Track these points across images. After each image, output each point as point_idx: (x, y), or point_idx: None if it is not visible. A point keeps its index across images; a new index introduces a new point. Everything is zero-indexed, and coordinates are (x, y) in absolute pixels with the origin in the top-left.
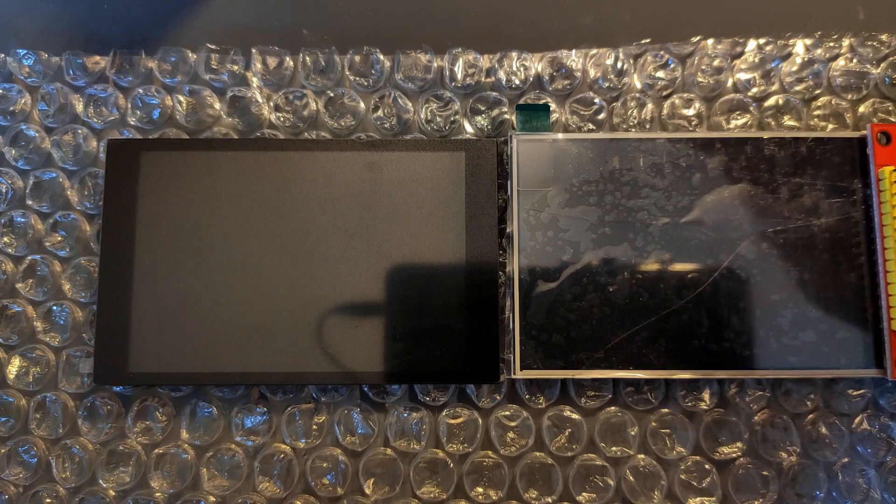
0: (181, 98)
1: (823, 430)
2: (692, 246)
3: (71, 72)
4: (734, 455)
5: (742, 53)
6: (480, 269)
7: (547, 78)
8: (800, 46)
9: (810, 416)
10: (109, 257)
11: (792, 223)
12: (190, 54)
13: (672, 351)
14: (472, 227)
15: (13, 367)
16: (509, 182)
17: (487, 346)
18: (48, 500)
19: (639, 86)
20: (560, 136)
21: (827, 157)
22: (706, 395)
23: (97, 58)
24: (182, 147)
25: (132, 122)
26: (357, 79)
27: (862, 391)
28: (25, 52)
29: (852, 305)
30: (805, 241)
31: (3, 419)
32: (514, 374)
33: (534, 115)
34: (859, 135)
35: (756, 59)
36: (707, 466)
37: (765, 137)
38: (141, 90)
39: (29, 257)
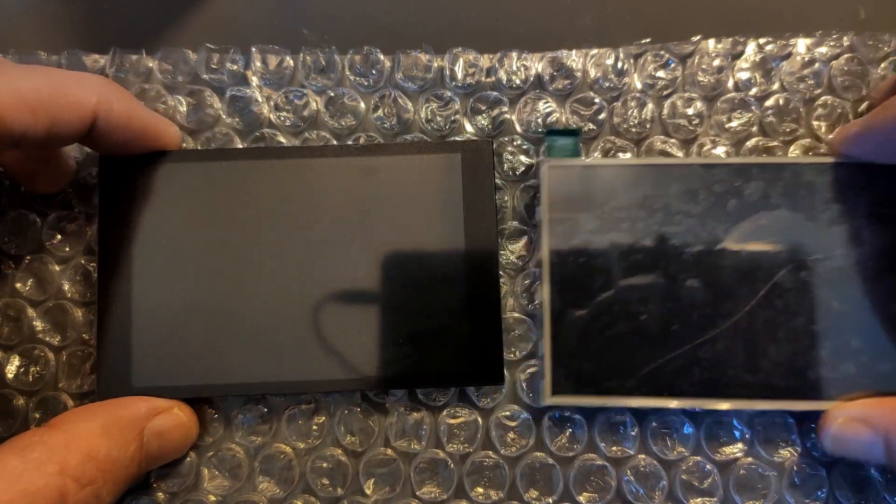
0: (181, 98)
1: None
2: (727, 274)
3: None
4: (735, 455)
5: (742, 53)
6: (481, 270)
7: (547, 78)
8: (801, 45)
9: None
10: (107, 271)
11: (833, 251)
12: (190, 54)
13: (706, 381)
14: (471, 227)
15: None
16: (538, 208)
17: (491, 347)
18: None
19: (639, 86)
20: (591, 161)
21: (871, 183)
22: None
23: (97, 56)
24: (176, 158)
25: None
26: (357, 78)
27: None
28: (26, 51)
29: None
30: (847, 269)
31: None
32: (545, 400)
33: (564, 142)
34: None
35: (757, 59)
36: (708, 467)
37: (805, 163)
38: (141, 88)
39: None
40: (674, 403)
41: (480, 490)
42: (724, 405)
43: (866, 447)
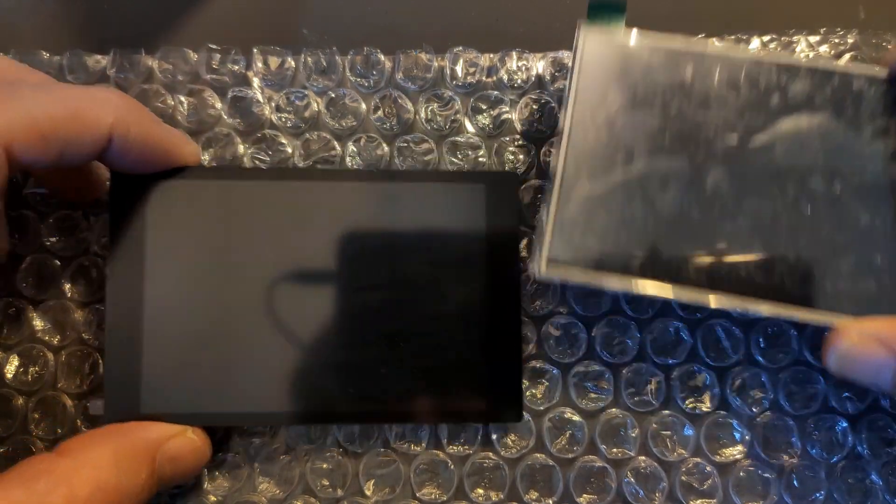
0: (182, 98)
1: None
2: (757, 170)
3: (73, 71)
4: (735, 457)
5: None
6: (502, 304)
7: (548, 78)
8: (803, 43)
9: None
10: (117, 293)
11: (870, 166)
12: (191, 54)
13: (715, 273)
14: (493, 260)
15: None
16: (570, 75)
17: (510, 384)
18: None
19: None
20: (633, 36)
21: None
22: (706, 398)
23: (98, 57)
24: (192, 176)
25: None
26: (358, 79)
27: None
28: (27, 51)
29: None
30: (881, 186)
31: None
32: (541, 271)
33: (607, 10)
34: None
35: None
36: (708, 468)
37: (856, 72)
38: (142, 88)
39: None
40: (675, 293)
41: (481, 491)
42: (728, 302)
43: (876, 369)
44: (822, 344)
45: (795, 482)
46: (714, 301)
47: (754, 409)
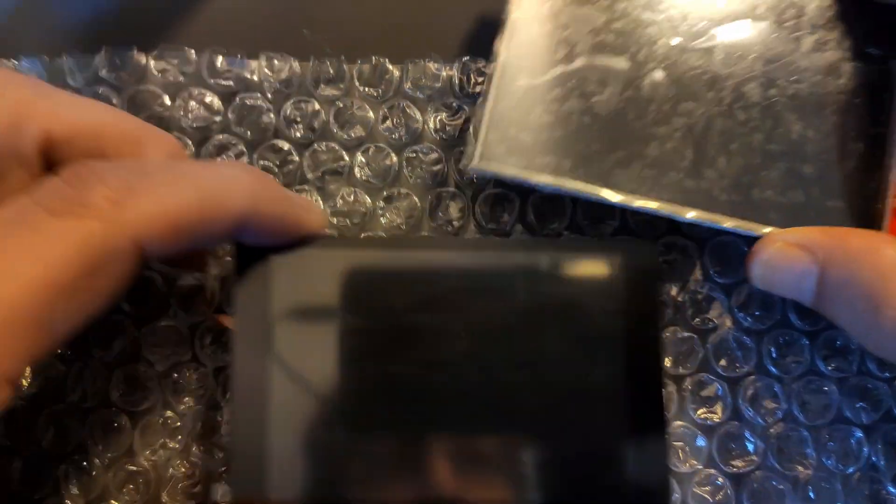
0: (182, 102)
1: None
2: (696, 73)
3: (72, 74)
4: (749, 468)
5: None
6: (643, 386)
7: None
8: None
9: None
10: (243, 374)
11: (808, 76)
12: (192, 55)
13: (646, 179)
14: (633, 337)
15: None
16: None
17: (653, 471)
18: None
19: None
20: None
21: (862, 19)
22: (719, 409)
23: (90, 56)
24: (317, 247)
25: None
26: (366, 88)
27: None
28: (28, 55)
29: (853, 176)
30: (817, 98)
31: None
32: (473, 163)
33: None
34: None
35: None
36: (720, 480)
37: None
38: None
39: None
40: (607, 194)
41: None
42: (654, 205)
43: (799, 277)
44: (748, 256)
45: (811, 493)
46: (641, 204)
47: (767, 420)
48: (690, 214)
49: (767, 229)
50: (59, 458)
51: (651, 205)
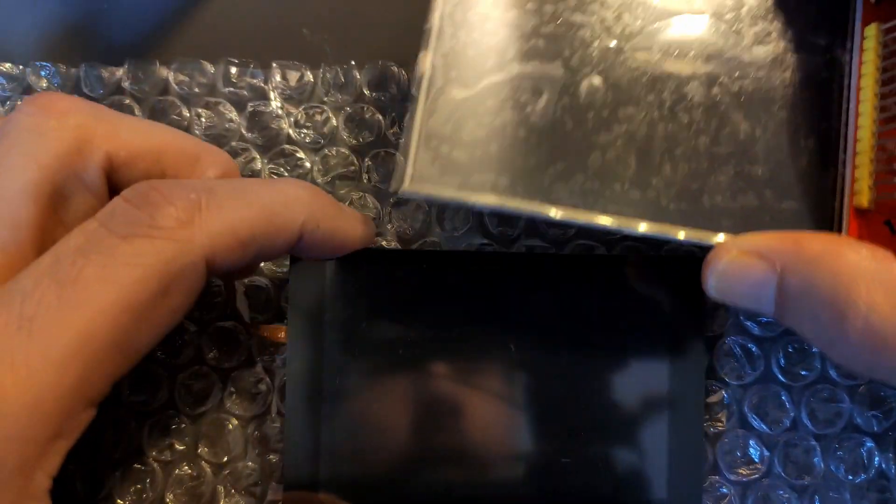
0: (200, 111)
1: None
2: (634, 76)
3: (88, 83)
4: (754, 476)
5: None
6: (683, 387)
7: None
8: None
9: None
10: (296, 383)
11: (752, 72)
12: (208, 66)
13: (589, 192)
14: (677, 349)
15: None
16: None
17: (690, 479)
18: None
19: None
20: None
21: (804, 8)
22: (724, 416)
23: (114, 69)
24: (369, 261)
25: None
26: (375, 93)
27: None
28: (44, 64)
29: (806, 174)
30: (763, 94)
31: None
32: (404, 186)
33: None
34: None
35: None
36: (725, 489)
37: None
38: (157, 100)
39: None
40: (551, 211)
41: None
42: (603, 220)
43: (757, 287)
44: (703, 266)
45: (818, 503)
46: (587, 219)
47: (774, 428)
48: (642, 228)
49: (721, 237)
50: (65, 457)
51: (597, 220)
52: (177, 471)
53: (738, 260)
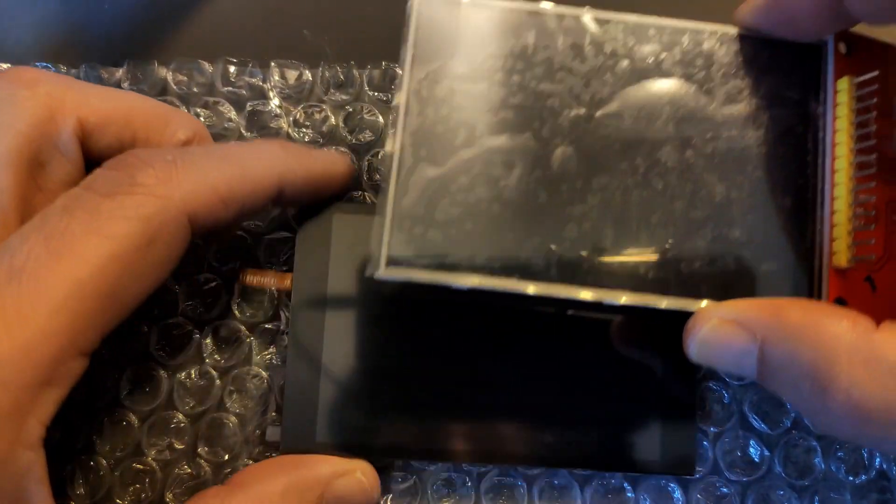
0: (199, 111)
1: None
2: (606, 144)
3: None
4: (754, 475)
5: None
6: (676, 355)
7: None
8: None
9: None
10: (300, 327)
11: (725, 131)
12: (207, 66)
13: (567, 264)
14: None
15: None
16: (403, 45)
17: (683, 438)
18: None
19: None
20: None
21: (775, 62)
22: (724, 416)
23: (113, 69)
24: (371, 211)
25: None
26: (376, 93)
27: None
28: (45, 65)
29: (786, 234)
30: (737, 153)
31: None
32: (379, 271)
33: None
34: (816, 40)
35: None
36: (725, 489)
37: (707, 30)
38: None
39: None
40: (529, 288)
41: None
42: (584, 293)
43: (738, 356)
44: (684, 332)
45: (818, 503)
46: (566, 293)
47: (774, 428)
48: (623, 299)
49: (702, 303)
50: (65, 457)
51: (577, 293)
52: (176, 470)
53: (719, 329)
